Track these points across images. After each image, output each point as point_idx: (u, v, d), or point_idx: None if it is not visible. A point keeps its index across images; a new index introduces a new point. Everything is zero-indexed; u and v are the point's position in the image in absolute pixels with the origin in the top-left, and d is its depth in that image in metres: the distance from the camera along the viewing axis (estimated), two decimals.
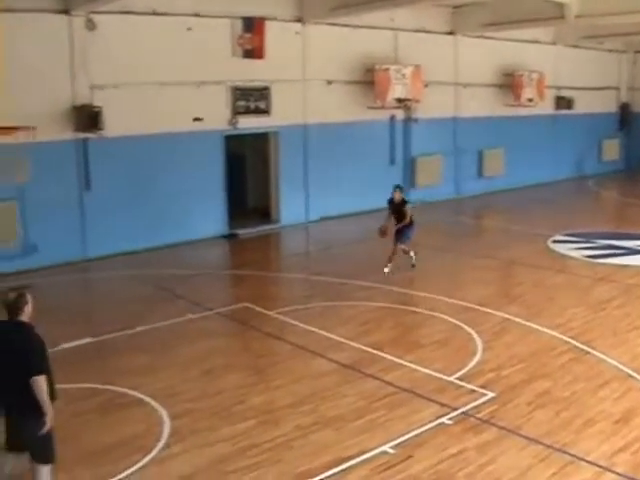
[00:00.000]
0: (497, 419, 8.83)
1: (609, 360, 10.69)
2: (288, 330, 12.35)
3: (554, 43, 28.88)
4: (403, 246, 16.04)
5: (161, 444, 8.39)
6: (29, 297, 6.83)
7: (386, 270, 15.73)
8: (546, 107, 28.85)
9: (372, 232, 19.38)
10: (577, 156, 31.06)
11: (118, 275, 16.26)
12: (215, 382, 10.22)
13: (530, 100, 27.44)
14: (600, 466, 7.74)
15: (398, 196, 16.02)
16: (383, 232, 16.00)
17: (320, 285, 15.16)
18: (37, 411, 6.69)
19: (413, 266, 16.08)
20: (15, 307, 6.71)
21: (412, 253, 16.13)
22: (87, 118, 16.80)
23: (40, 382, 6.59)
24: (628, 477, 7.54)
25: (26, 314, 6.80)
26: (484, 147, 26.69)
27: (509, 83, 26.93)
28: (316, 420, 8.94)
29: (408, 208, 15.94)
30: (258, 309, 13.47)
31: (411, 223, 15.99)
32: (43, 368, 6.68)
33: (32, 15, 16.06)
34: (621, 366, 10.45)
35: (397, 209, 15.98)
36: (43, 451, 6.88)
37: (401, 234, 15.94)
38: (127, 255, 17.72)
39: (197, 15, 18.65)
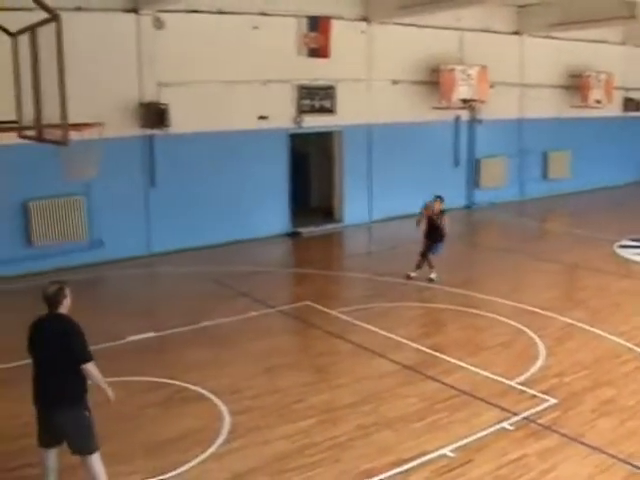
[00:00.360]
0: (559, 426, 8.71)
1: None
2: (349, 329, 12.35)
3: (623, 43, 28.34)
4: (432, 257, 15.50)
5: (221, 440, 8.47)
6: (67, 291, 7.04)
7: (412, 275, 15.49)
8: (614, 109, 28.35)
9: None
10: None
11: (181, 271, 16.44)
12: (276, 380, 10.28)
13: (598, 102, 26.97)
14: None
15: (438, 207, 15.36)
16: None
17: (382, 285, 15.12)
18: (77, 402, 6.95)
19: (431, 280, 15.39)
20: (55, 300, 6.94)
21: (434, 274, 15.44)
22: (154, 115, 17.01)
23: (91, 367, 6.87)
24: None
25: (65, 307, 7.01)
26: (549, 149, 26.34)
27: (576, 84, 26.51)
28: (376, 420, 8.94)
29: (446, 219, 15.31)
30: (320, 308, 13.50)
31: (442, 237, 15.39)
32: (91, 355, 6.92)
33: (102, 14, 16.33)
34: None
35: (433, 222, 15.37)
36: (86, 440, 7.04)
37: (435, 248, 15.46)
38: (190, 251, 17.90)
39: (263, 14, 18.75)
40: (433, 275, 15.45)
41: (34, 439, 7.14)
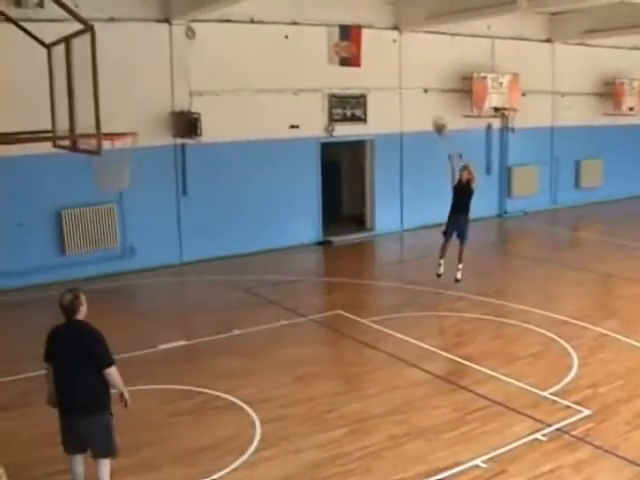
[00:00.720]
0: (593, 437, 8.61)
1: None
2: (381, 339, 12.31)
3: None
4: (465, 246, 15.45)
5: (252, 448, 8.46)
6: (83, 298, 7.11)
7: (440, 271, 15.42)
8: None
9: (467, 242, 19.20)
10: None
11: (212, 280, 16.49)
12: (307, 389, 10.27)
13: (631, 109, 26.74)
14: None
15: (467, 175, 15.33)
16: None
17: (414, 294, 15.07)
18: (102, 408, 7.03)
19: (457, 281, 15.35)
20: (72, 308, 7.01)
21: (460, 266, 15.36)
22: (186, 124, 17.11)
23: (113, 372, 6.96)
24: None
25: (82, 314, 7.08)
26: (582, 157, 26.13)
27: (609, 92, 26.28)
28: (408, 430, 8.90)
29: (474, 177, 15.27)
30: (351, 317, 13.48)
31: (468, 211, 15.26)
32: (113, 359, 7.00)
33: (135, 24, 16.49)
34: None
35: (462, 191, 15.30)
36: (106, 445, 7.11)
37: (461, 229, 15.38)
38: (221, 260, 17.96)
39: (294, 23, 18.82)
40: (459, 275, 15.36)
41: (57, 448, 7.20)
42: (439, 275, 15.50)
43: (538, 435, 8.65)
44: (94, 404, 6.97)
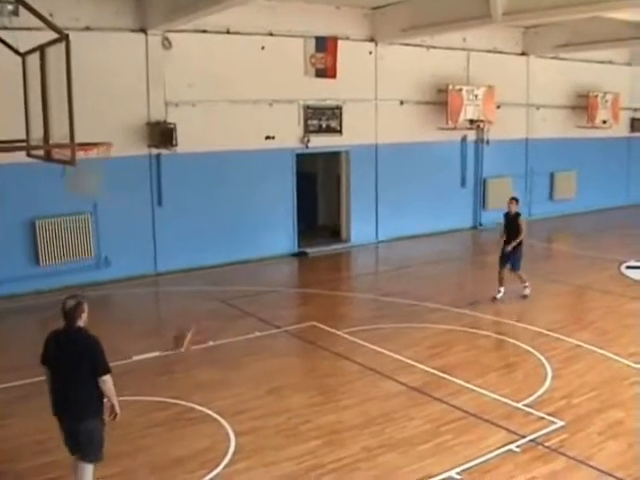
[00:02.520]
0: (567, 448, 8.64)
1: None
2: (356, 350, 12.30)
3: (630, 64, 28.40)
4: (520, 273, 15.56)
5: (227, 460, 8.42)
6: (85, 305, 7.17)
7: (498, 296, 15.45)
8: (621, 129, 28.38)
9: (442, 254, 19.36)
10: None
11: (187, 290, 16.43)
12: (282, 401, 10.23)
13: (604, 122, 27.02)
14: None
15: (513, 208, 15.58)
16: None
17: (389, 306, 15.08)
18: (94, 413, 7.11)
19: (525, 297, 15.56)
20: (73, 314, 7.06)
21: (528, 284, 15.59)
22: (161, 135, 17.07)
23: (108, 380, 7.05)
24: None
25: (83, 320, 7.14)
26: (556, 169, 26.33)
27: (583, 105, 26.54)
28: (383, 442, 8.88)
29: (522, 222, 15.46)
30: (326, 328, 13.46)
31: (519, 241, 15.40)
32: (109, 367, 7.07)
33: (110, 34, 16.43)
34: None
35: (511, 224, 15.51)
36: (94, 450, 7.19)
37: (514, 257, 15.46)
38: (196, 271, 17.91)
39: (270, 34, 18.83)
40: (527, 291, 15.53)
41: (53, 455, 7.21)
42: (494, 299, 15.49)
43: (512, 446, 8.68)
44: (86, 410, 7.04)
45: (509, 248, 15.30)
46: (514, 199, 15.79)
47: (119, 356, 11.70)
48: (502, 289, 15.55)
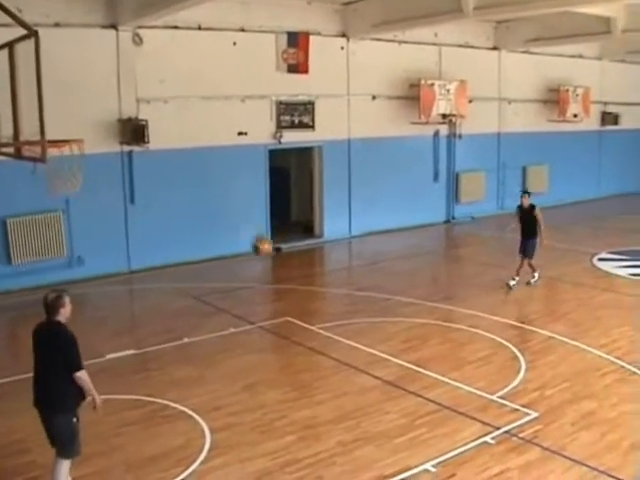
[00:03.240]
0: (540, 439, 8.72)
1: None
2: (331, 345, 12.32)
3: (600, 58, 28.63)
4: (532, 261, 15.99)
5: (202, 457, 8.40)
6: (67, 300, 7.25)
7: (512, 283, 15.84)
8: (592, 123, 28.60)
9: (415, 248, 19.43)
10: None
11: (161, 287, 16.37)
12: (257, 396, 10.22)
13: (575, 116, 27.21)
14: None
15: (526, 202, 15.99)
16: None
17: (363, 301, 15.10)
18: (67, 408, 7.13)
19: (528, 283, 16.05)
20: (52, 307, 7.14)
21: (537, 273, 16.06)
22: (133, 131, 16.97)
23: (84, 376, 7.08)
24: None
25: (63, 315, 7.19)
26: (528, 163, 26.49)
27: (554, 99, 26.72)
28: (358, 436, 8.90)
29: (538, 212, 15.85)
30: (301, 324, 13.47)
31: (536, 233, 15.86)
32: (81, 364, 7.11)
33: (81, 30, 16.31)
34: None
35: (526, 216, 15.93)
36: (65, 446, 7.21)
37: (530, 246, 15.92)
38: (170, 268, 17.85)
39: (242, 30, 18.79)
40: (533, 279, 16.01)
41: (33, 455, 7.23)
42: (508, 285, 15.91)
43: (487, 438, 8.73)
44: (58, 404, 7.08)
45: (540, 242, 15.86)
46: (527, 193, 16.26)
47: (93, 354, 11.63)
48: (517, 278, 15.95)
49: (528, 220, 15.89)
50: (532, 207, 15.91)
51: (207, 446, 8.68)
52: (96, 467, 8.13)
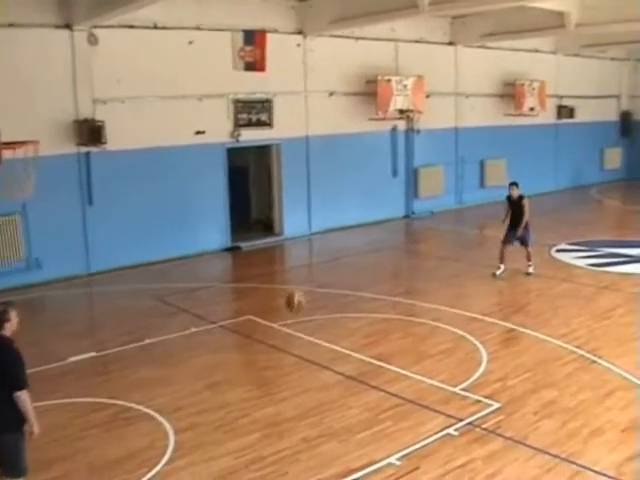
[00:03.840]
0: (503, 429, 8.82)
1: (615, 369, 10.69)
2: (293, 342, 12.34)
3: (555, 52, 28.94)
4: (530, 249, 16.37)
5: (166, 458, 8.37)
6: (13, 313, 6.94)
7: (498, 272, 16.22)
8: (548, 116, 28.90)
9: (376, 244, 19.49)
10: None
11: (121, 289, 16.24)
12: (220, 395, 10.19)
13: (532, 109, 27.47)
14: (608, 476, 7.73)
15: (516, 193, 16.33)
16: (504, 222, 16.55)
17: (325, 297, 15.10)
18: (12, 427, 6.82)
19: (528, 274, 16.36)
20: None
21: (530, 263, 16.42)
22: (90, 132, 16.81)
23: (24, 396, 6.74)
24: None
25: (8, 329, 6.90)
26: (486, 157, 26.69)
27: (510, 93, 26.95)
28: (322, 432, 8.92)
29: (526, 203, 16.16)
30: (262, 322, 13.45)
31: (522, 222, 16.17)
32: (26, 382, 6.80)
33: (34, 30, 16.12)
34: (627, 375, 10.44)
35: (515, 207, 16.27)
36: (12, 465, 6.93)
37: (523, 237, 16.27)
38: (130, 269, 17.71)
39: (198, 28, 18.69)
40: (531, 269, 16.35)
41: None
42: (495, 274, 16.30)
43: (450, 430, 8.80)
44: (3, 423, 6.77)
45: (520, 232, 16.14)
46: (514, 184, 16.60)
47: (54, 358, 11.63)
48: (502, 266, 16.30)
49: (518, 210, 16.21)
50: (521, 197, 16.24)
51: (171, 447, 8.64)
52: (60, 471, 8.07)
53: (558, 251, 18.75)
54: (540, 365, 10.95)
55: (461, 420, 9.06)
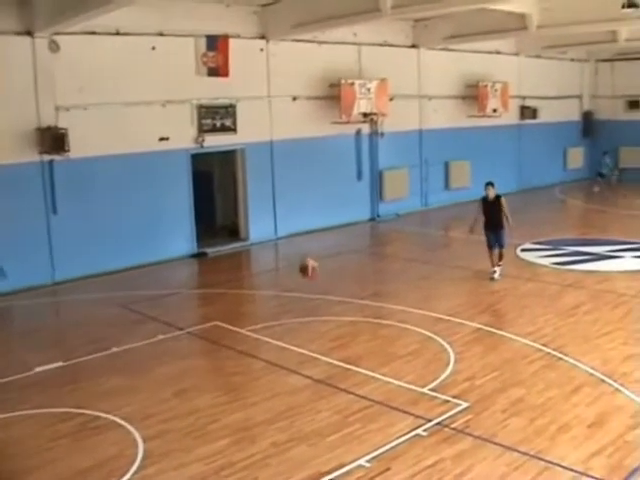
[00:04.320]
0: (472, 428, 8.87)
1: (581, 366, 10.80)
2: (261, 347, 12.33)
3: (517, 54, 29.19)
4: (503, 250, 16.26)
5: (135, 467, 8.30)
6: None
7: (495, 276, 16.04)
8: (511, 117, 29.13)
9: (342, 247, 19.53)
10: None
11: (87, 298, 16.11)
12: (188, 402, 10.15)
13: (495, 111, 27.66)
14: (576, 471, 7.81)
15: (492, 193, 16.14)
16: (472, 229, 16.43)
17: (291, 301, 15.10)
18: None
19: (492, 279, 16.14)
20: None
21: (498, 273, 16.21)
22: (52, 140, 16.65)
23: None
24: None
25: None
26: (450, 159, 26.84)
27: (473, 94, 27.13)
28: (292, 436, 8.91)
29: (504, 201, 16.06)
30: (230, 327, 13.40)
31: (502, 224, 16.12)
32: None
33: None
34: (593, 371, 10.57)
35: (492, 207, 16.07)
36: None
37: (502, 236, 16.15)
38: (96, 277, 17.57)
39: (161, 34, 18.62)
40: (496, 274, 16.07)
41: None
42: (493, 278, 16.10)
43: (419, 431, 8.84)
44: None
45: (500, 233, 16.08)
46: (490, 184, 16.34)
47: (21, 369, 11.52)
48: (497, 269, 16.17)
49: (494, 211, 16.07)
50: (498, 197, 16.13)
51: (140, 455, 8.58)
52: None
53: (523, 250, 18.92)
54: (507, 364, 11.04)
55: (430, 420, 9.10)
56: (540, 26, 21.64)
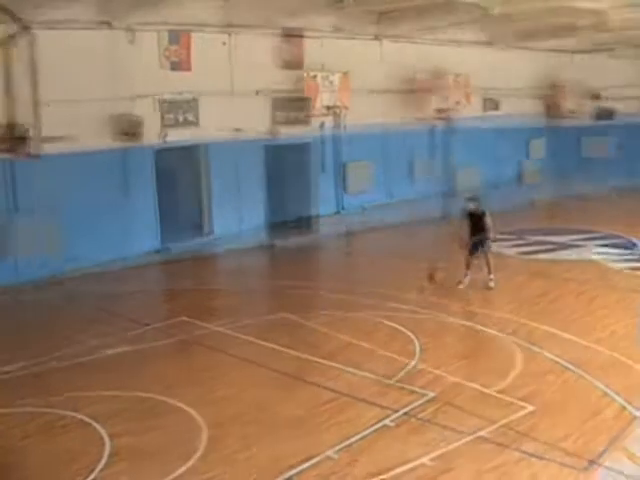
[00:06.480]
0: (439, 418, 8.93)
1: (546, 354, 10.89)
2: (228, 342, 12.27)
3: (479, 44, 29.21)
4: (489, 256, 15.32)
5: (102, 464, 8.24)
6: None
7: (491, 284, 15.09)
8: (474, 109, 29.19)
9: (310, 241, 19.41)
10: None
11: (51, 297, 15.93)
12: (156, 399, 10.09)
13: (457, 103, 27.71)
14: (545, 458, 7.90)
15: (476, 208, 15.28)
16: (465, 245, 15.34)
17: (258, 296, 15.09)
18: None
19: (489, 288, 15.15)
20: None
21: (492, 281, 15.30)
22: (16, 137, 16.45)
23: None
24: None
25: None
26: (414, 151, 26.86)
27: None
28: (260, 430, 8.92)
29: (489, 219, 15.10)
30: (197, 323, 13.35)
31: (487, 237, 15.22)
32: None
33: None
34: (557, 359, 10.66)
35: (476, 220, 15.19)
36: None
37: (484, 243, 15.23)
38: (60, 276, 17.38)
39: (125, 29, 18.45)
40: (492, 283, 15.13)
41: None
42: (460, 283, 15.28)
43: (387, 421, 8.89)
44: None
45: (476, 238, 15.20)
46: (474, 199, 15.52)
47: None
48: (469, 274, 15.35)
49: (478, 223, 15.16)
50: (483, 213, 15.19)
51: (107, 452, 8.51)
52: None
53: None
54: (473, 354, 11.14)
55: (397, 411, 9.14)
56: (503, 17, 21.71)
